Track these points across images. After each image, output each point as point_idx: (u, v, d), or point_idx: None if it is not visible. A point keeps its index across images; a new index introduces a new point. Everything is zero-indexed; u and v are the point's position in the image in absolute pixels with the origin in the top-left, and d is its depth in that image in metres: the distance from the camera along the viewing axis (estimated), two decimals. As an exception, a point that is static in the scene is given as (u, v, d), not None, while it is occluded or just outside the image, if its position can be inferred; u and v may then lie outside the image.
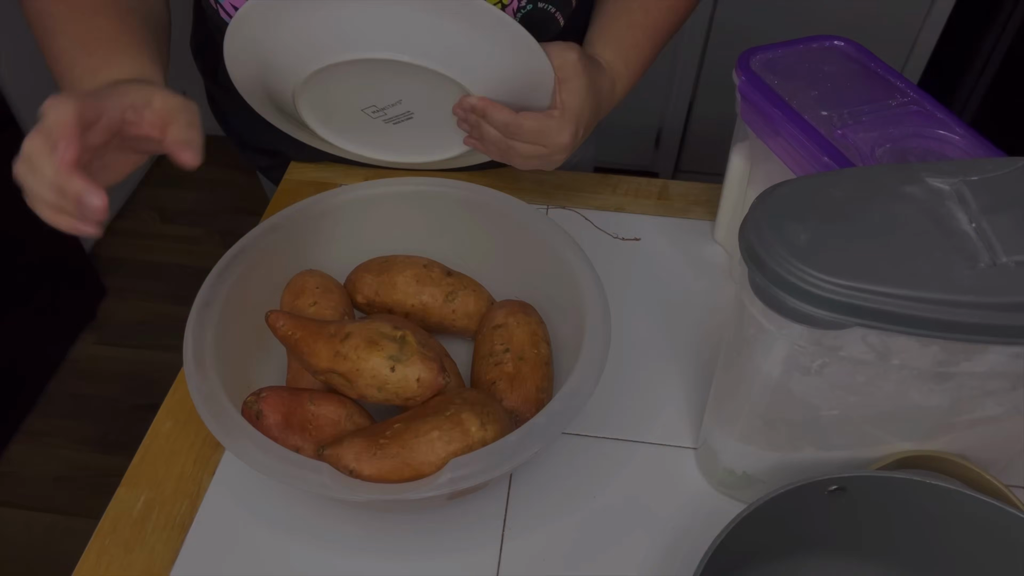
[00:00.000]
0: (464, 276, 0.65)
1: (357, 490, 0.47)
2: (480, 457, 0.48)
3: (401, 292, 0.62)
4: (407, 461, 0.49)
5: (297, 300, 0.61)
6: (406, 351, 0.52)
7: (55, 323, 1.73)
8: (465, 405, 0.50)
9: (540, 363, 0.57)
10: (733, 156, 0.69)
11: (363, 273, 0.64)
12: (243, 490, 0.57)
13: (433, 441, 0.49)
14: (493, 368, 0.57)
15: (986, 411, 0.46)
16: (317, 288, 0.62)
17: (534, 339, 0.58)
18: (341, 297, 0.63)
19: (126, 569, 0.53)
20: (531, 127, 0.63)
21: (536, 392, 0.56)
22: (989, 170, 0.43)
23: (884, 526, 0.48)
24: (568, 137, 0.64)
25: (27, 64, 1.60)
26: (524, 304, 0.62)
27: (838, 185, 0.43)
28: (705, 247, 0.76)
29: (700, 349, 0.67)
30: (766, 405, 0.48)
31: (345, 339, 0.52)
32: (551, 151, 0.64)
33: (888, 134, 0.57)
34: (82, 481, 1.55)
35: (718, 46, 1.75)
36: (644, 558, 0.54)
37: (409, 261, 0.64)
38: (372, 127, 0.69)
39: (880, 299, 0.39)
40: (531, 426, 0.49)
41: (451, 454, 0.48)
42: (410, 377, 0.51)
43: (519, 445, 0.48)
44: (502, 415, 0.52)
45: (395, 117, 0.67)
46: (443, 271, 0.64)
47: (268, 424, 0.52)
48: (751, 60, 0.64)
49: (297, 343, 0.54)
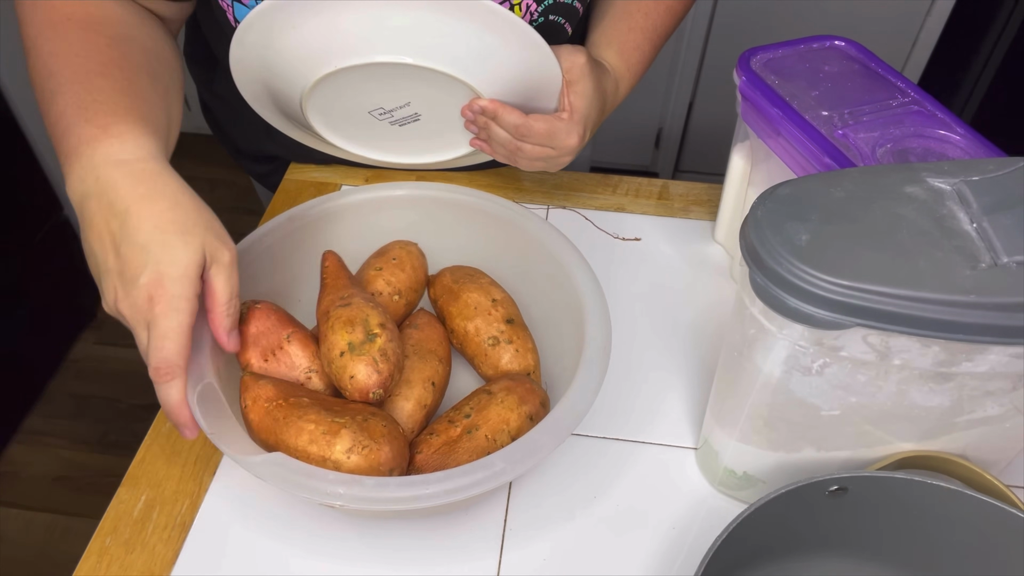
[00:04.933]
0: (523, 332, 0.60)
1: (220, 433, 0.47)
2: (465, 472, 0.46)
3: (458, 309, 0.61)
4: (277, 431, 0.49)
5: (374, 259, 0.63)
6: (364, 347, 0.52)
7: (55, 323, 1.73)
8: (355, 426, 0.49)
9: (483, 449, 0.52)
10: (733, 156, 0.69)
11: (447, 272, 0.64)
12: (244, 490, 0.57)
13: (303, 431, 0.48)
14: (445, 423, 0.54)
15: (986, 411, 0.46)
16: (393, 259, 0.63)
17: (500, 427, 0.53)
18: (410, 278, 0.63)
19: (126, 569, 0.53)
20: (541, 129, 0.63)
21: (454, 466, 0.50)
22: (989, 170, 0.43)
23: (884, 526, 0.48)
24: (576, 139, 0.65)
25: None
26: (532, 392, 0.56)
27: (839, 185, 0.43)
28: (705, 247, 0.76)
29: (700, 349, 0.67)
30: (766, 405, 0.48)
31: (342, 306, 0.54)
32: (559, 153, 0.65)
33: (888, 134, 0.57)
34: (82, 481, 1.55)
35: (718, 46, 1.75)
36: (644, 558, 0.54)
37: (487, 287, 0.62)
38: (378, 129, 0.69)
39: (880, 299, 0.39)
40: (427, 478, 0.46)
41: (306, 453, 0.48)
42: (348, 370, 0.51)
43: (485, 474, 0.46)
44: (382, 460, 0.48)
45: (402, 119, 0.67)
46: (506, 315, 0.60)
47: (242, 328, 0.54)
48: (751, 60, 0.64)
49: (324, 285, 0.58)
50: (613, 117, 0.75)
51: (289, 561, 0.54)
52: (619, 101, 0.72)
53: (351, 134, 0.71)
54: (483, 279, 0.63)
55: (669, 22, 0.72)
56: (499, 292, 0.62)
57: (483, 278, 0.63)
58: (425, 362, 0.58)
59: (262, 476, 0.46)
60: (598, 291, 0.58)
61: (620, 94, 0.71)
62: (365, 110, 0.66)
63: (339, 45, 0.58)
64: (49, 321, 1.70)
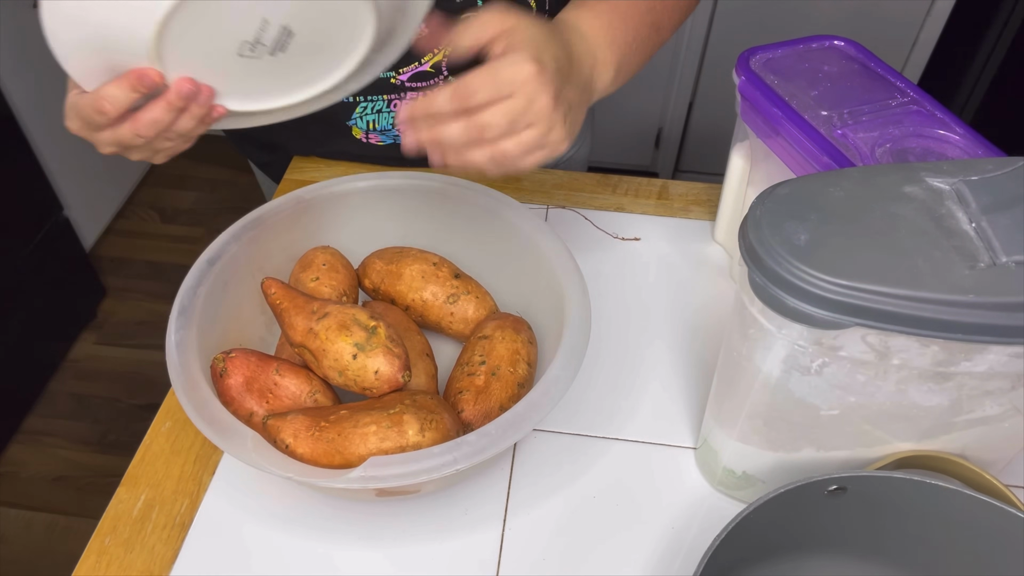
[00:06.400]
0: (472, 281, 0.64)
1: (274, 464, 0.48)
2: (399, 461, 0.47)
3: (405, 285, 0.63)
4: (339, 449, 0.49)
5: (303, 272, 0.63)
6: (372, 342, 0.53)
7: (55, 323, 1.73)
8: (411, 407, 0.50)
9: (512, 382, 0.56)
10: (733, 156, 0.69)
11: (375, 259, 0.65)
12: (243, 489, 0.57)
13: (368, 435, 0.49)
14: (465, 377, 0.56)
15: (985, 411, 0.46)
16: (324, 265, 0.63)
17: (514, 358, 0.57)
18: (346, 278, 0.63)
19: (126, 569, 0.53)
20: (482, 80, 0.48)
21: (499, 410, 0.55)
22: (989, 170, 0.43)
23: (884, 526, 0.48)
24: (547, 96, 0.48)
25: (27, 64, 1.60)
26: (518, 320, 0.61)
27: (838, 185, 0.43)
28: (705, 247, 0.76)
29: (700, 349, 0.67)
30: (766, 405, 0.48)
31: (322, 318, 0.54)
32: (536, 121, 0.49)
33: (888, 134, 0.57)
34: (82, 481, 1.55)
35: (718, 46, 1.75)
36: (644, 558, 0.54)
37: (421, 256, 0.64)
38: (265, 70, 0.55)
39: (880, 299, 0.39)
40: (459, 442, 0.48)
41: (382, 451, 0.48)
42: (369, 368, 0.52)
43: (439, 457, 0.47)
44: (448, 426, 0.51)
45: (277, 43, 0.53)
46: (452, 272, 0.64)
47: (228, 384, 0.53)
48: (751, 60, 0.64)
49: (281, 313, 0.56)
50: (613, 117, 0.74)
51: (289, 561, 0.54)
52: (604, 71, 0.57)
53: (243, 91, 0.56)
54: (412, 251, 0.65)
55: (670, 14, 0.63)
56: (433, 256, 0.64)
57: (412, 250, 0.65)
58: (410, 339, 0.60)
59: (378, 483, 0.46)
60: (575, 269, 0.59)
61: (602, 60, 0.57)
62: (234, 55, 0.53)
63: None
64: (49, 321, 1.70)
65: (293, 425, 0.50)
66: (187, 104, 0.51)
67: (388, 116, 0.78)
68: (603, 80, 0.57)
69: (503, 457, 0.59)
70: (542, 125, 0.49)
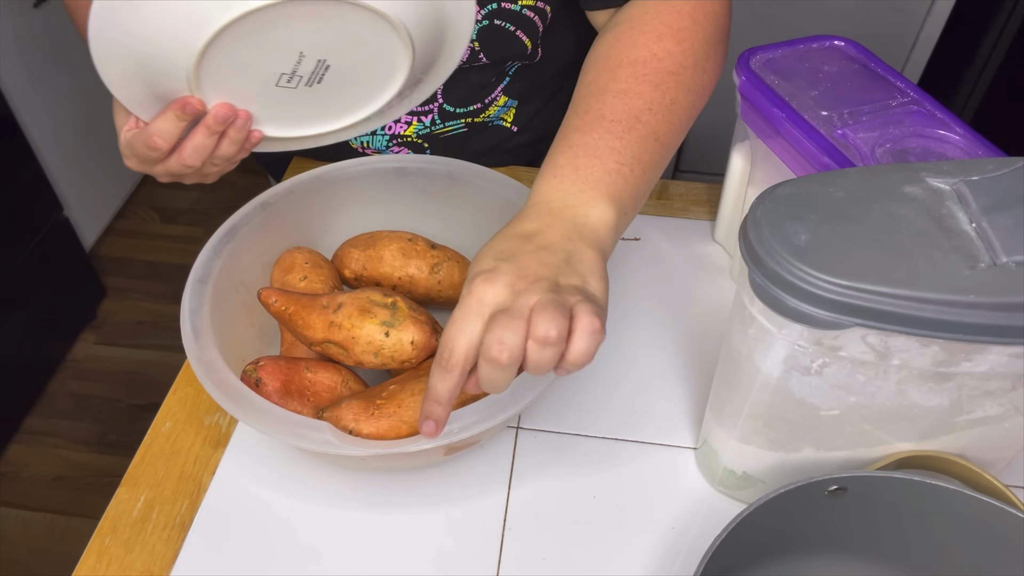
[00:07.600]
0: (448, 248, 0.66)
1: (361, 446, 0.49)
2: (475, 409, 0.49)
3: (388, 265, 0.63)
4: (404, 419, 0.51)
5: (287, 276, 0.63)
6: (398, 316, 0.54)
7: (55, 323, 1.73)
8: None
9: None
10: (733, 156, 0.69)
11: (350, 248, 0.65)
12: (243, 489, 0.57)
13: None
14: None
15: (986, 411, 0.46)
16: (306, 263, 0.63)
17: None
18: (330, 272, 0.64)
19: (126, 569, 0.53)
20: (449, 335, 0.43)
21: None
22: (989, 170, 0.43)
23: (884, 526, 0.48)
24: (500, 286, 0.43)
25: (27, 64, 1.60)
26: None
27: (838, 185, 0.43)
28: (705, 247, 0.76)
29: (700, 349, 0.67)
30: (766, 405, 0.48)
31: (338, 309, 0.54)
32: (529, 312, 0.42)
33: (888, 134, 0.57)
34: (82, 481, 1.55)
35: (718, 46, 1.75)
36: (644, 558, 0.54)
37: (394, 236, 0.65)
38: (302, 100, 0.57)
39: (880, 299, 0.39)
40: (521, 378, 0.50)
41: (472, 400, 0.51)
42: (404, 340, 0.53)
43: (512, 395, 0.50)
44: None
45: (314, 74, 0.55)
46: (427, 244, 0.65)
47: (268, 391, 0.54)
48: (751, 60, 0.64)
49: (291, 317, 0.56)
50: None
51: (289, 561, 0.54)
52: (599, 216, 0.51)
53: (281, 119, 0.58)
54: (383, 233, 0.66)
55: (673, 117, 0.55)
56: (405, 233, 0.66)
57: (383, 232, 0.66)
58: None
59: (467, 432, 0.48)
60: None
61: (588, 210, 0.50)
62: (272, 86, 0.55)
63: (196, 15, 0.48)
64: (49, 321, 1.70)
65: (351, 411, 0.52)
66: (225, 128, 0.53)
67: (382, 139, 0.78)
68: (596, 215, 0.51)
69: (503, 457, 0.59)
70: (544, 309, 0.42)
